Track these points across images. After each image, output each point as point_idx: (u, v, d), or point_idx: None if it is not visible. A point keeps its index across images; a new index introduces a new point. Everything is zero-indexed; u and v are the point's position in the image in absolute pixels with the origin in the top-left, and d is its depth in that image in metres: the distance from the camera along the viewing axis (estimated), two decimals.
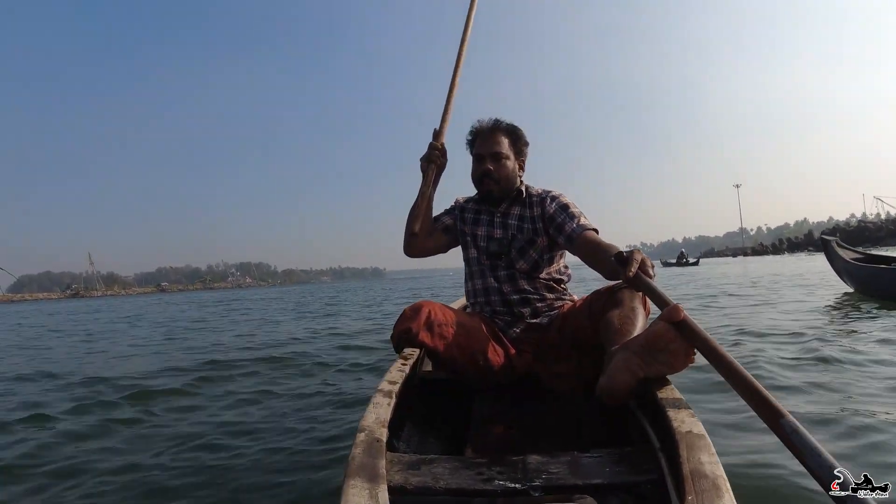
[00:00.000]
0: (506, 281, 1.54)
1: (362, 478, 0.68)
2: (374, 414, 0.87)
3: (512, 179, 1.57)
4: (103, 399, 2.56)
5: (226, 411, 2.26)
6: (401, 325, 1.32)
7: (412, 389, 1.17)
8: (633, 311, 1.21)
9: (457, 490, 0.77)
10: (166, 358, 4.08)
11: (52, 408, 2.41)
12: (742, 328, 3.79)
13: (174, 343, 5.34)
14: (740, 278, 11.97)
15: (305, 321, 7.30)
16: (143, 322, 9.29)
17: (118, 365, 3.91)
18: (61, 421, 2.18)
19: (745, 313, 4.91)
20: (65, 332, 8.18)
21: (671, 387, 0.94)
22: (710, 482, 0.63)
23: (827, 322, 4.03)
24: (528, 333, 1.48)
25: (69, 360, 4.34)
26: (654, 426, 0.91)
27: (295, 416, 2.11)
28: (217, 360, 3.64)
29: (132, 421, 2.15)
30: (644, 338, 1.00)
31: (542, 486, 0.77)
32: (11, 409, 2.49)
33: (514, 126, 1.59)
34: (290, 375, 3.04)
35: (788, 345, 3.04)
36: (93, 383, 3.01)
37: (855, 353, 2.67)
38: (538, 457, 0.85)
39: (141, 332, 6.97)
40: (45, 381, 3.25)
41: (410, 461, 0.85)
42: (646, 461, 0.82)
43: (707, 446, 0.71)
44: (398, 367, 1.14)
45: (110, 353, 4.78)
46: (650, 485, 0.77)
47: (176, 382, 2.89)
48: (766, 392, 0.74)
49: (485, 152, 1.55)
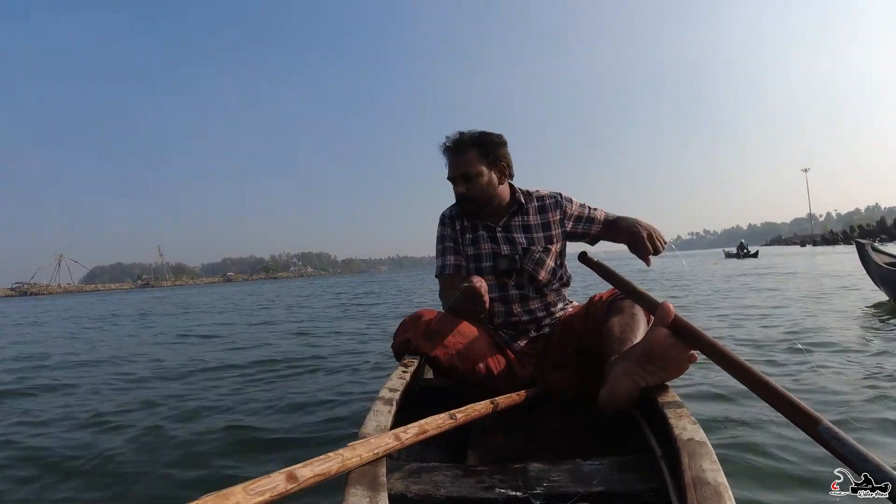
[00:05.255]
0: (516, 301, 1.49)
1: (363, 486, 0.68)
2: (375, 421, 0.87)
3: (489, 193, 1.48)
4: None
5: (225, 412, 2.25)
6: (401, 334, 1.32)
7: (413, 397, 1.17)
8: (634, 318, 1.21)
9: (458, 498, 0.77)
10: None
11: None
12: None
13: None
14: (808, 283, 7.94)
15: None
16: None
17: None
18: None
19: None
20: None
21: (672, 393, 0.95)
22: (713, 489, 0.63)
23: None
24: (530, 345, 1.48)
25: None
26: (656, 433, 0.91)
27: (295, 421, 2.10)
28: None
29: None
30: (643, 346, 1.00)
31: (544, 493, 0.76)
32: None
33: (479, 134, 1.50)
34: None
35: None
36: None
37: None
38: (539, 465, 0.85)
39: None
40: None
41: (411, 469, 0.84)
42: (648, 469, 0.82)
43: (709, 453, 0.71)
44: (399, 374, 1.14)
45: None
46: (652, 492, 0.76)
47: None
48: (796, 398, 0.74)
49: (453, 174, 1.49)
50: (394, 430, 0.81)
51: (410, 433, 0.81)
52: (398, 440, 0.78)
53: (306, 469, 0.63)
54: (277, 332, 5.90)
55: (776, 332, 3.56)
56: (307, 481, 0.62)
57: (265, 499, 0.57)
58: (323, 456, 0.67)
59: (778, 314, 4.60)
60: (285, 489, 0.59)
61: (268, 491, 0.57)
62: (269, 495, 0.57)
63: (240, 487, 0.56)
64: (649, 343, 0.97)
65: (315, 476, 0.64)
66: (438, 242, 1.60)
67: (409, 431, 0.81)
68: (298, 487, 0.61)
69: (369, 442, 0.75)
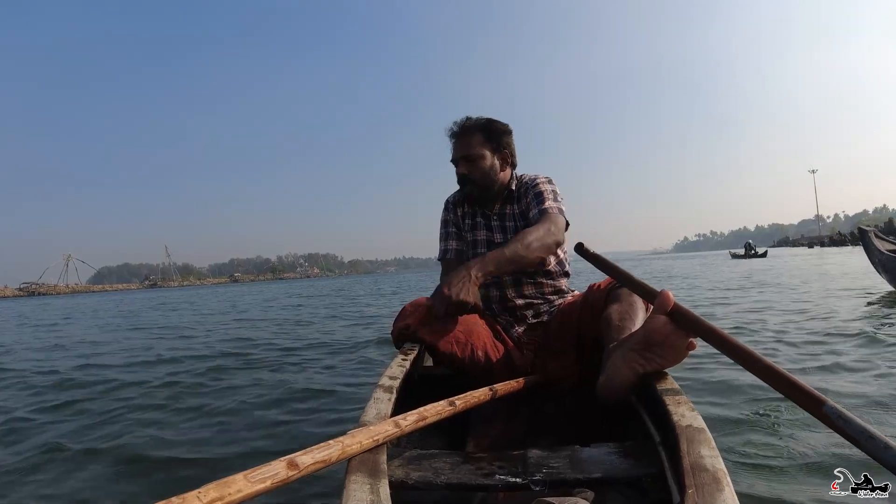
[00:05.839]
0: (510, 286, 1.50)
1: (363, 473, 0.68)
2: (375, 409, 0.88)
3: (491, 177, 1.51)
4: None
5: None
6: (400, 321, 1.32)
7: (412, 384, 1.17)
8: (632, 305, 1.21)
9: (458, 485, 0.77)
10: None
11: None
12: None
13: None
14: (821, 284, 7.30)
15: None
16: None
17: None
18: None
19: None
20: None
21: (670, 380, 0.95)
22: (711, 475, 0.63)
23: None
24: (529, 333, 1.48)
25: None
26: (655, 420, 0.91)
27: (293, 408, 2.11)
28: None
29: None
30: (642, 333, 1.00)
31: (543, 480, 0.77)
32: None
33: (486, 120, 1.53)
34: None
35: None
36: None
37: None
38: (539, 451, 0.85)
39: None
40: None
41: (411, 456, 0.85)
42: (646, 455, 0.82)
43: (707, 440, 0.71)
44: (398, 362, 1.14)
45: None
46: (651, 478, 0.77)
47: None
48: (798, 379, 0.74)
49: (456, 156, 1.51)
50: (394, 418, 0.81)
51: (410, 420, 0.81)
52: (398, 427, 0.79)
53: (307, 456, 0.63)
54: (279, 322, 5.92)
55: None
56: (308, 468, 0.62)
57: (266, 486, 0.57)
58: (323, 443, 0.67)
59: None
60: (286, 476, 0.59)
61: (269, 478, 0.58)
62: (271, 482, 0.58)
63: (241, 475, 0.56)
64: (648, 330, 0.97)
65: (316, 463, 0.64)
66: (442, 227, 1.65)
67: (409, 418, 0.82)
68: (299, 475, 0.61)
69: (369, 429, 0.75)
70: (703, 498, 0.59)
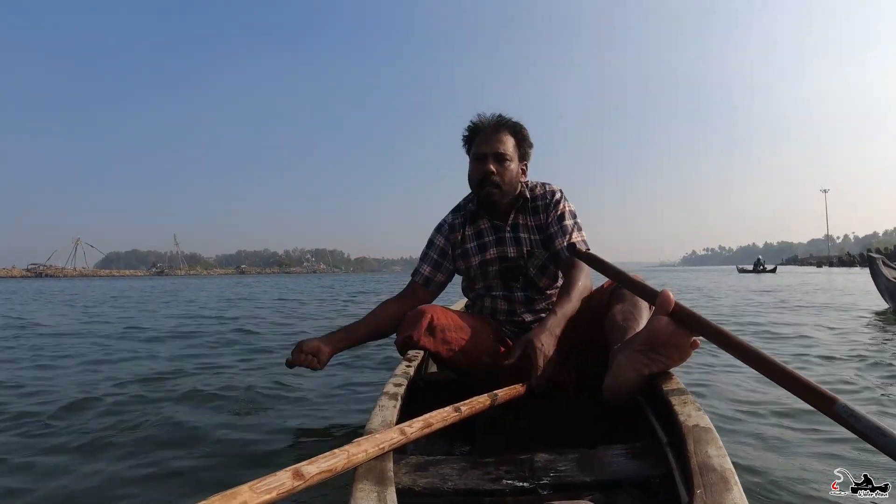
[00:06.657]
0: (521, 303, 1.47)
1: (370, 480, 0.68)
2: (381, 416, 0.88)
3: (515, 184, 1.45)
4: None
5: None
6: (403, 331, 1.31)
7: (417, 391, 1.17)
8: (636, 305, 1.21)
9: (465, 490, 0.77)
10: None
11: None
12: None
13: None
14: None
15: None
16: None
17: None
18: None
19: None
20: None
21: (676, 380, 0.94)
22: (719, 475, 0.63)
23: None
24: None
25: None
26: (661, 421, 0.91)
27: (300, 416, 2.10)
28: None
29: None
30: (646, 334, 0.99)
31: (551, 484, 0.76)
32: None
33: (520, 124, 1.46)
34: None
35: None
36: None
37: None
38: (546, 455, 0.85)
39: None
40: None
41: (418, 462, 0.85)
42: (654, 456, 0.82)
43: (714, 440, 0.71)
44: (403, 368, 1.14)
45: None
46: (659, 479, 0.77)
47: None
48: (809, 379, 0.74)
49: (487, 151, 1.40)
50: (399, 425, 0.81)
51: (416, 427, 0.81)
52: (404, 434, 0.78)
53: (312, 466, 0.63)
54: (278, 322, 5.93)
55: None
56: (313, 478, 0.62)
57: (272, 497, 0.57)
58: (329, 452, 0.67)
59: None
60: (292, 486, 0.59)
61: (274, 489, 0.57)
62: (276, 493, 0.57)
63: (246, 486, 0.56)
64: (652, 331, 0.97)
65: (321, 473, 0.63)
66: (426, 246, 1.59)
67: (415, 425, 0.81)
68: (305, 485, 0.61)
69: (375, 437, 0.75)
70: (712, 498, 0.59)
